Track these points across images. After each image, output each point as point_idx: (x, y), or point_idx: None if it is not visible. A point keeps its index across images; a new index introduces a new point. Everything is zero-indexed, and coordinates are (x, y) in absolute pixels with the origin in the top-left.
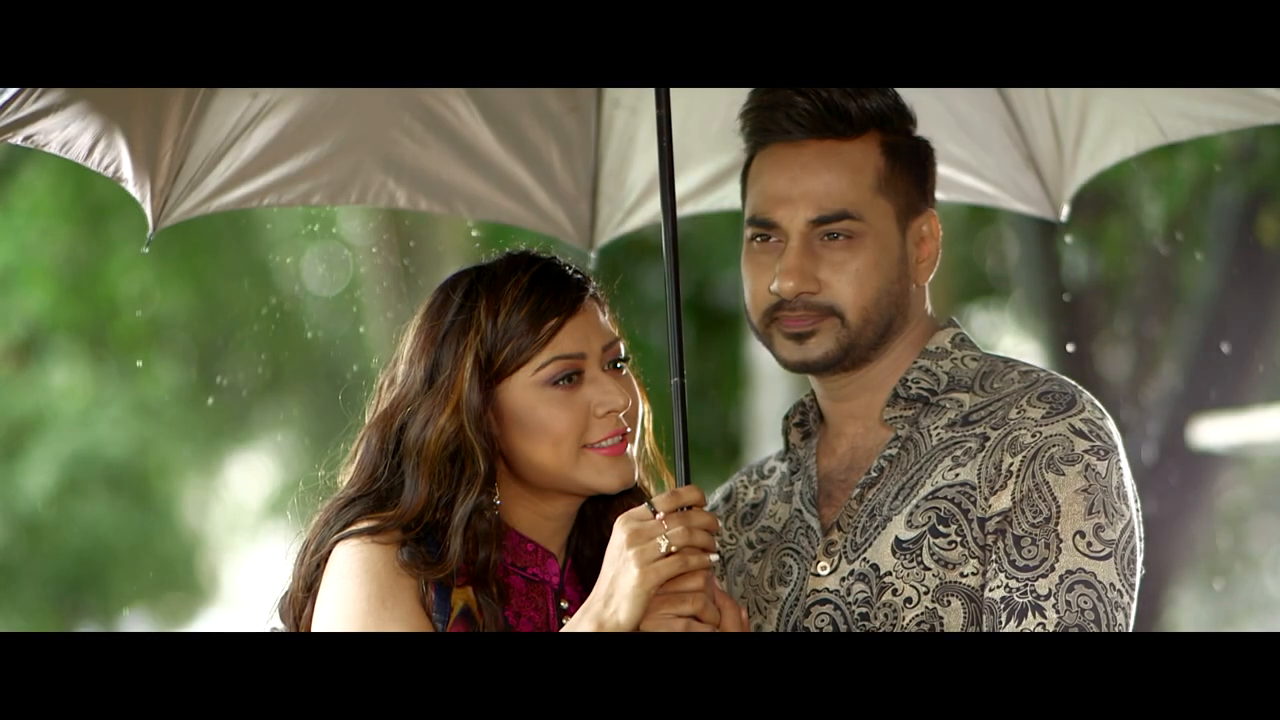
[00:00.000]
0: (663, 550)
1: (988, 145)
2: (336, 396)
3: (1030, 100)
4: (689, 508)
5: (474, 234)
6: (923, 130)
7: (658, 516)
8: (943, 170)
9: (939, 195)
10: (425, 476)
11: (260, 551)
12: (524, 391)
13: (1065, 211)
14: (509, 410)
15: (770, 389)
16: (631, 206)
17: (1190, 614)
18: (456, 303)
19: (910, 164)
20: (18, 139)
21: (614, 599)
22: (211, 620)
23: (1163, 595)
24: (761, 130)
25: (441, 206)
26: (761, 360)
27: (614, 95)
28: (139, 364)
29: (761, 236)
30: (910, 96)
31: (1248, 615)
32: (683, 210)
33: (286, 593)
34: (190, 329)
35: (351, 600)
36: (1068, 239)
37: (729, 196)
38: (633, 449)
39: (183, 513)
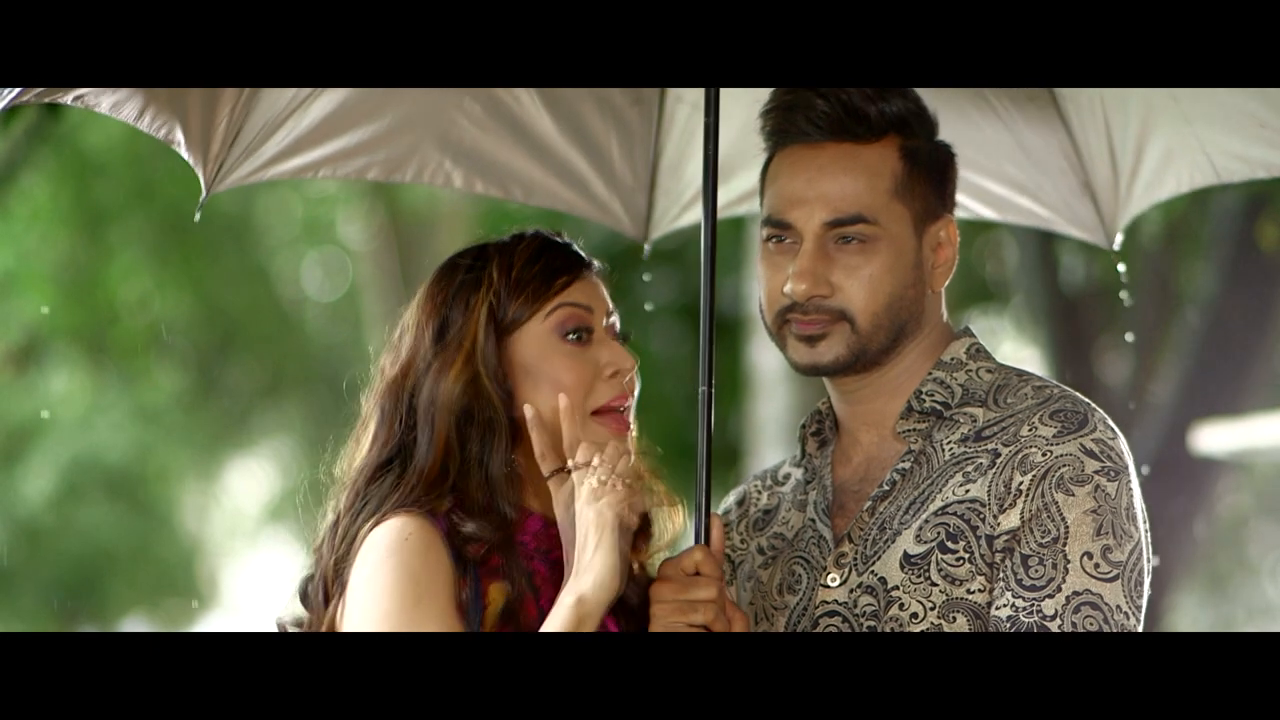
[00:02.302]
0: (601, 479)
1: (1046, 169)
2: (336, 401)
3: (1090, 128)
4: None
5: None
6: (982, 150)
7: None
8: (1000, 190)
9: (994, 215)
10: (440, 431)
11: (259, 557)
12: (535, 341)
13: (1119, 240)
14: (520, 361)
15: (770, 394)
16: (688, 201)
17: (1190, 618)
18: (465, 265)
19: (929, 169)
20: (68, 99)
21: (585, 557)
22: (210, 625)
23: (1163, 601)
24: (780, 131)
25: (498, 190)
26: (762, 365)
27: (677, 90)
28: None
29: (777, 238)
30: (970, 116)
31: (1247, 620)
32: (735, 210)
33: (311, 576)
34: (190, 334)
35: (384, 595)
36: (1120, 266)
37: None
38: (632, 434)
39: (182, 518)
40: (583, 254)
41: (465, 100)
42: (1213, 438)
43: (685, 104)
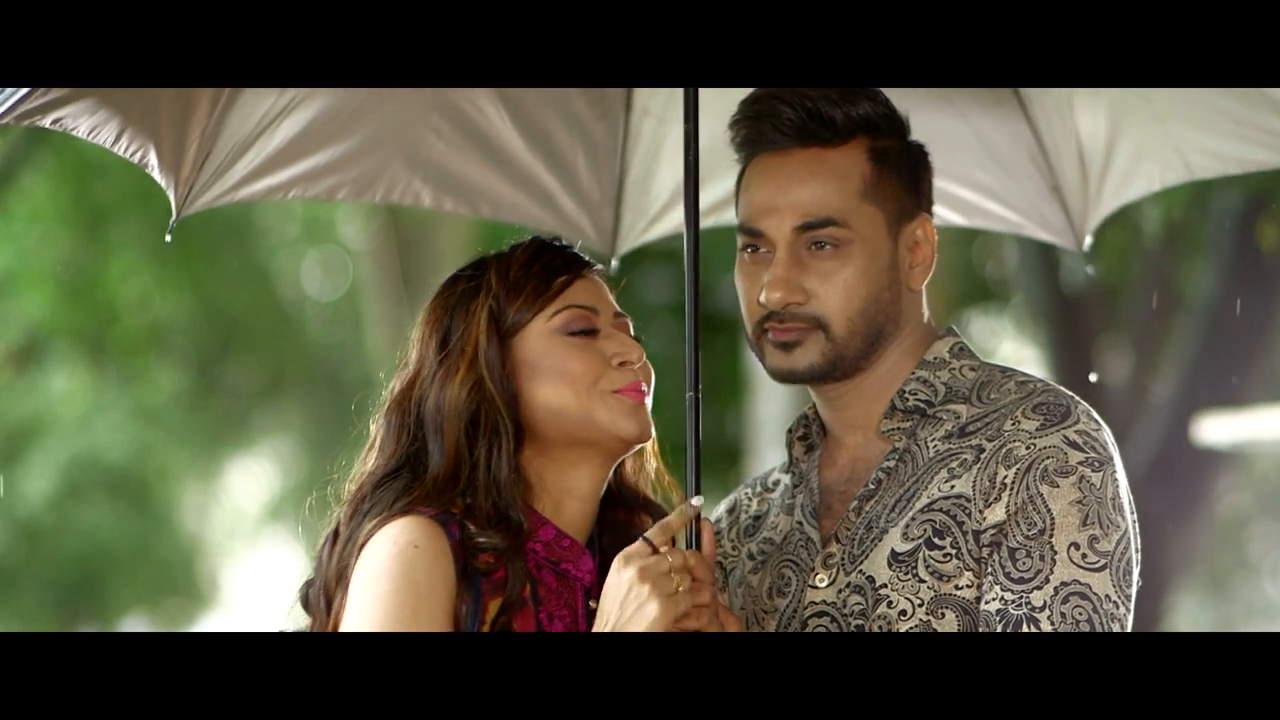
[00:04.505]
0: (674, 586)
1: (1013, 173)
2: (335, 401)
3: (1059, 130)
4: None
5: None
6: (950, 155)
7: (662, 550)
8: (968, 195)
9: (961, 220)
10: (450, 437)
11: (259, 556)
12: (539, 340)
13: (1088, 242)
14: (524, 360)
15: (768, 395)
16: (656, 215)
17: (1189, 619)
18: (466, 276)
19: (901, 168)
20: (46, 122)
21: (622, 626)
22: (210, 625)
23: (1162, 600)
24: (750, 141)
25: (466, 208)
26: (759, 366)
27: (643, 104)
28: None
29: (751, 247)
30: (937, 121)
31: (1246, 620)
32: (706, 221)
33: (312, 583)
34: (190, 334)
35: (382, 603)
36: (1089, 269)
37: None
38: (653, 439)
39: (182, 518)
40: (582, 255)
41: (433, 117)
42: (1213, 429)
43: (651, 118)
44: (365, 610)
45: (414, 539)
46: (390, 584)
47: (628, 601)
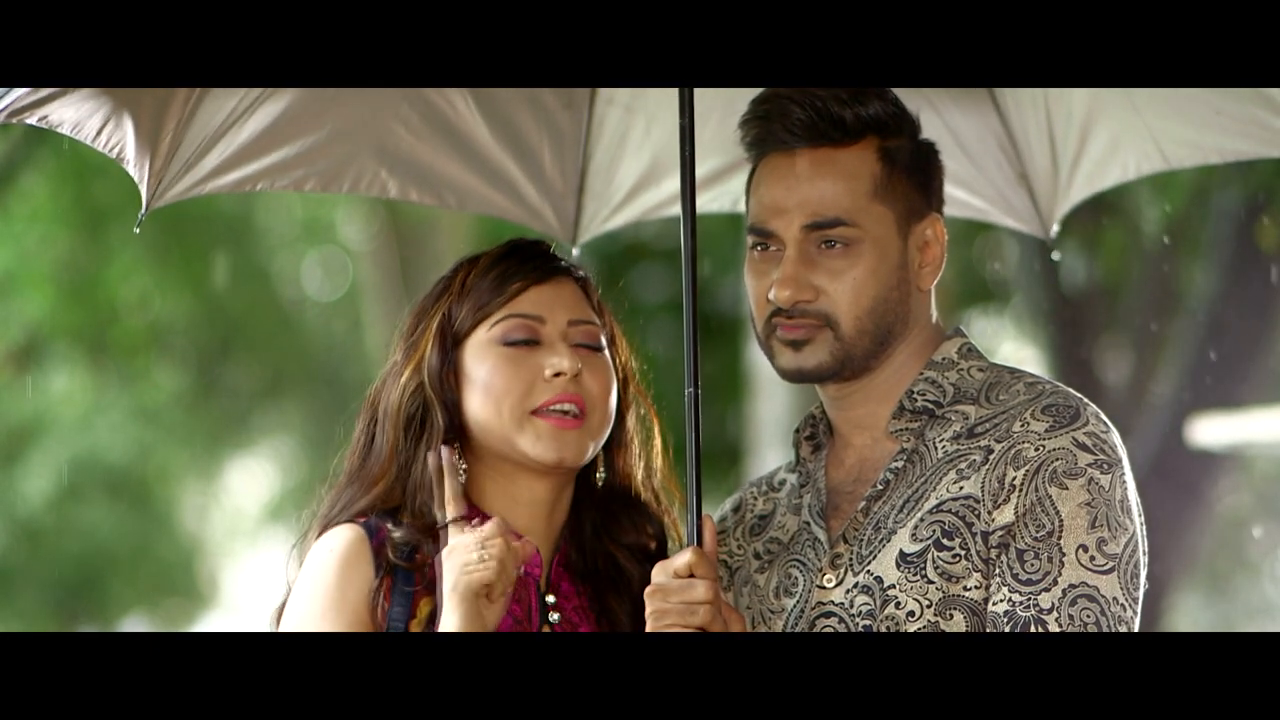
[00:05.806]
0: (475, 559)
1: (980, 160)
2: (335, 401)
3: (1030, 117)
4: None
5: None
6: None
7: (478, 534)
8: None
9: None
10: (389, 433)
11: (260, 556)
12: (477, 349)
13: (1055, 230)
14: (464, 370)
15: (770, 394)
16: (618, 204)
17: (1189, 619)
18: (444, 277)
19: (911, 168)
20: (34, 119)
21: (446, 617)
22: (210, 625)
23: (1162, 601)
24: (760, 141)
25: (432, 198)
26: (761, 365)
27: (608, 92)
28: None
29: (761, 245)
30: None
31: (1247, 621)
32: (670, 210)
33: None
34: (190, 334)
35: (297, 605)
36: (1055, 255)
37: (718, 199)
38: (593, 440)
39: (182, 518)
40: (553, 262)
41: (402, 108)
42: (1210, 430)
43: (616, 106)
44: (290, 614)
45: (331, 545)
46: (304, 588)
47: (451, 595)
